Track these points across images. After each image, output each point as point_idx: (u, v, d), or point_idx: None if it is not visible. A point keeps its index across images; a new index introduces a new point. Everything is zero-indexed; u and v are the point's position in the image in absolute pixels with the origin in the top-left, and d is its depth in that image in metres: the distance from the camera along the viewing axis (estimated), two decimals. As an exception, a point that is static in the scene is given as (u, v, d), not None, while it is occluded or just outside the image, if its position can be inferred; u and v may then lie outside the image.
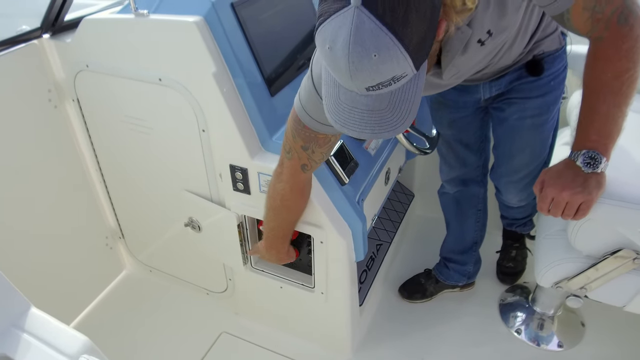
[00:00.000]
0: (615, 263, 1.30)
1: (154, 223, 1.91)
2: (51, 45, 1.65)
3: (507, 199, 1.70)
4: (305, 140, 1.17)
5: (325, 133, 1.15)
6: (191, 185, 1.64)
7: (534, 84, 1.37)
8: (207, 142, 1.49)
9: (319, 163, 1.26)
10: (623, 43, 0.97)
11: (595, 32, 0.98)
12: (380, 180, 1.70)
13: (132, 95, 1.55)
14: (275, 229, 1.42)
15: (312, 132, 1.15)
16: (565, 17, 0.97)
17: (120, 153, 1.74)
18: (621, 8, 0.94)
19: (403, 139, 1.49)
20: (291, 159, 1.23)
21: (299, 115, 1.14)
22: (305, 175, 1.27)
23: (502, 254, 2.09)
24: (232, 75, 1.40)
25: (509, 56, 1.27)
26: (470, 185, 1.78)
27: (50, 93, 1.70)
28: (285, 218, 1.39)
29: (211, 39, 1.35)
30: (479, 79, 1.42)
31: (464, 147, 1.67)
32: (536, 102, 1.40)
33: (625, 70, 0.98)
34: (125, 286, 2.15)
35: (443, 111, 1.60)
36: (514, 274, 2.07)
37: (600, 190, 1.08)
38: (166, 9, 1.41)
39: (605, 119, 1.03)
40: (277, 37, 1.57)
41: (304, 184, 1.31)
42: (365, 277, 1.92)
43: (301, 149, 1.19)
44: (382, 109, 0.81)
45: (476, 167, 1.73)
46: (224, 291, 1.92)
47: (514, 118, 1.45)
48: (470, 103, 1.54)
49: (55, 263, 1.87)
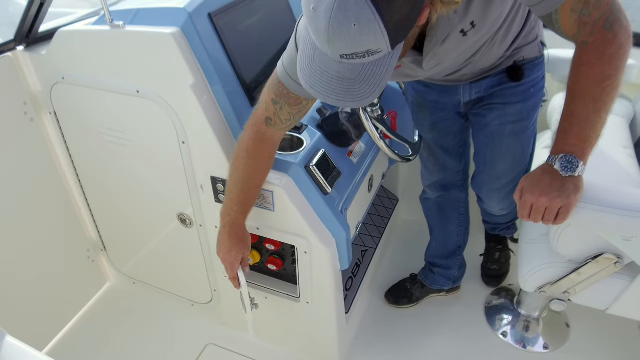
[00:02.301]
0: (597, 267, 1.31)
1: (136, 234, 1.88)
2: (26, 57, 1.62)
3: (489, 207, 1.71)
4: (277, 95, 1.19)
5: (297, 94, 1.16)
6: (173, 197, 1.62)
7: (515, 89, 1.38)
8: (188, 154, 1.47)
9: (284, 125, 1.25)
10: (606, 49, 0.98)
11: (581, 36, 0.99)
12: (363, 188, 1.69)
13: (110, 107, 1.53)
14: (235, 193, 1.33)
15: (285, 89, 1.16)
16: (554, 17, 0.98)
17: (100, 165, 1.72)
18: (608, 14, 0.95)
19: (385, 147, 1.48)
20: (258, 108, 1.24)
21: (277, 72, 1.17)
22: (267, 129, 1.25)
23: (485, 256, 2.10)
24: (211, 86, 1.39)
25: (489, 57, 1.28)
26: (451, 190, 1.78)
27: (26, 106, 1.67)
28: (246, 177, 1.31)
29: (188, 50, 1.34)
30: (458, 80, 1.42)
31: (444, 151, 1.67)
32: (516, 107, 1.41)
33: (607, 77, 0.99)
34: (109, 299, 2.12)
35: (424, 113, 1.60)
36: (498, 276, 2.09)
37: (578, 194, 1.09)
38: (142, 20, 1.39)
39: (585, 124, 1.04)
40: (256, 46, 1.56)
41: (265, 137, 1.27)
42: (351, 284, 1.91)
43: (271, 101, 1.20)
44: (352, 79, 0.84)
45: (456, 172, 1.74)
46: (209, 302, 1.90)
47: (495, 124, 1.45)
48: (450, 106, 1.54)
49: (35, 278, 1.84)
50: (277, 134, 1.29)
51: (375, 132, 1.45)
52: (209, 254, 1.71)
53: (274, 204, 1.40)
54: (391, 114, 1.80)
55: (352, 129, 1.53)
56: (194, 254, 1.75)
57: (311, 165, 1.41)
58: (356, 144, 1.65)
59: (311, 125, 1.55)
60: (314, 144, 1.48)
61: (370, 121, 1.44)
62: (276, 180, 1.37)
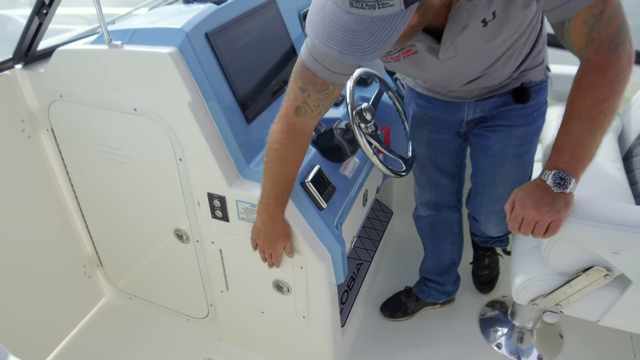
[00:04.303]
0: (588, 280, 1.33)
1: (132, 250, 1.89)
2: (24, 75, 1.64)
3: (486, 229, 1.72)
4: (304, 82, 1.19)
5: (323, 79, 1.17)
6: (169, 213, 1.64)
7: (519, 112, 1.39)
8: (185, 171, 1.49)
9: (314, 113, 1.25)
10: (608, 70, 1.00)
11: (587, 51, 1.01)
12: (358, 202, 1.72)
13: (107, 124, 1.55)
14: (269, 187, 1.33)
15: (312, 74, 1.17)
16: (565, 26, 1.00)
17: (97, 182, 1.73)
18: (615, 35, 0.98)
19: (378, 163, 1.50)
20: (288, 99, 1.25)
21: (302, 58, 1.18)
22: (298, 119, 1.26)
23: (475, 264, 2.13)
24: (208, 104, 1.41)
25: (499, 74, 1.30)
26: (444, 210, 1.79)
27: (23, 123, 1.69)
28: (278, 169, 1.31)
29: (186, 70, 1.36)
30: (464, 97, 1.43)
31: (438, 169, 1.67)
32: (520, 131, 1.41)
33: (605, 98, 1.02)
34: (105, 314, 2.12)
35: (423, 128, 1.60)
36: (490, 281, 2.13)
37: (568, 210, 1.11)
38: (140, 40, 1.42)
39: (579, 143, 1.06)
40: (252, 64, 1.59)
41: (296, 128, 1.28)
42: (346, 298, 1.93)
43: (299, 90, 1.21)
44: (358, 31, 0.83)
45: (449, 192, 1.74)
46: (206, 317, 1.91)
47: (498, 147, 1.46)
48: (452, 124, 1.53)
49: (32, 294, 1.84)
50: (308, 124, 1.29)
51: (369, 148, 1.47)
52: (205, 269, 1.72)
53: (270, 220, 1.42)
54: (385, 129, 1.83)
55: (347, 145, 1.55)
56: (191, 269, 1.76)
57: (306, 181, 1.43)
58: (350, 159, 1.68)
59: (306, 142, 1.57)
60: (309, 160, 1.50)
61: (364, 137, 1.47)
62: (272, 196, 1.39)
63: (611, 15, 0.96)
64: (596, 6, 0.95)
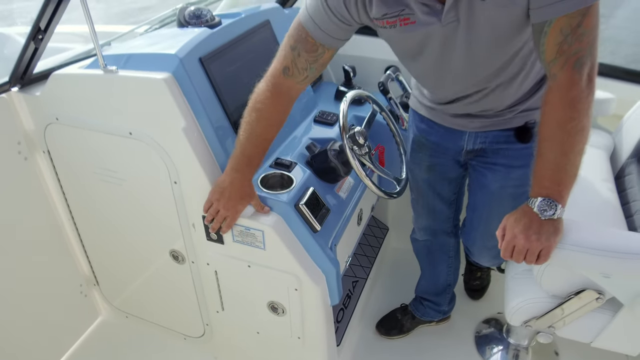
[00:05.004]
0: (580, 302, 1.34)
1: (128, 270, 1.90)
2: (20, 98, 1.65)
3: (479, 261, 1.72)
4: (295, 40, 1.21)
5: (314, 39, 1.20)
6: (165, 234, 1.64)
7: (520, 152, 1.38)
8: (179, 194, 1.50)
9: (301, 77, 1.26)
10: (569, 90, 1.02)
11: (554, 65, 1.03)
12: (352, 222, 1.73)
13: (103, 147, 1.56)
14: (244, 144, 1.32)
15: (304, 31, 1.20)
16: (544, 30, 1.01)
17: (93, 203, 1.74)
18: (583, 53, 1.00)
19: (371, 185, 1.51)
20: (277, 59, 1.26)
21: (299, 16, 1.21)
22: (285, 80, 1.26)
23: (466, 275, 2.17)
24: (202, 127, 1.43)
25: (502, 97, 1.29)
26: (440, 235, 1.78)
27: (19, 145, 1.69)
28: (255, 127, 1.30)
29: (180, 95, 1.38)
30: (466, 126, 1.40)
31: (436, 195, 1.65)
32: (519, 172, 1.40)
33: (569, 119, 1.03)
34: (101, 333, 2.12)
35: (423, 153, 1.58)
36: (481, 288, 2.17)
37: (557, 236, 1.12)
38: (135, 65, 1.43)
39: (555, 167, 1.07)
40: (246, 88, 1.58)
41: (282, 89, 1.28)
42: (342, 316, 1.93)
43: (289, 48, 1.23)
44: None
45: (446, 218, 1.72)
46: (202, 336, 1.91)
47: (496, 186, 1.46)
48: (451, 151, 1.51)
49: (29, 313, 1.84)
50: (294, 87, 1.29)
51: (362, 170, 1.48)
52: (201, 289, 1.73)
53: (264, 243, 1.43)
54: (379, 148, 1.84)
55: (341, 166, 1.56)
56: (186, 289, 1.76)
57: (301, 204, 1.44)
58: (345, 180, 1.69)
59: (300, 163, 1.58)
60: (304, 182, 1.51)
61: (357, 160, 1.48)
62: (267, 219, 1.40)
63: (585, 32, 0.98)
64: (575, 17, 0.97)
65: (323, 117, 1.83)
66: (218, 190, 1.38)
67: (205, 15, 1.61)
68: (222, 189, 1.37)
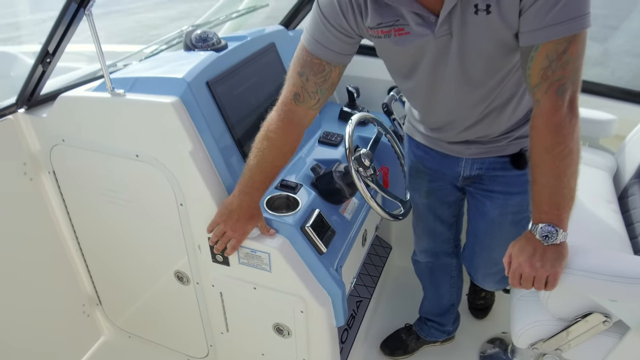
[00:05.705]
0: (587, 326, 1.34)
1: (132, 290, 1.89)
2: (26, 119, 1.66)
3: (483, 286, 1.72)
4: (302, 65, 1.23)
5: (319, 57, 1.21)
6: (170, 255, 1.64)
7: (517, 178, 1.38)
8: (185, 215, 1.51)
9: (312, 101, 1.26)
10: (552, 116, 1.03)
11: (538, 90, 1.04)
12: (357, 243, 1.73)
13: (109, 169, 1.56)
14: (253, 169, 1.32)
15: (308, 54, 1.21)
16: (531, 54, 1.03)
17: (98, 223, 1.74)
18: (566, 80, 1.01)
19: (377, 207, 1.51)
20: (286, 87, 1.27)
21: (302, 40, 1.23)
22: (297, 107, 1.27)
23: (470, 295, 2.17)
24: (208, 150, 1.43)
25: (498, 123, 1.29)
26: (442, 257, 1.79)
27: (25, 166, 1.70)
28: (267, 155, 1.30)
29: (187, 118, 1.39)
30: (462, 152, 1.41)
31: (436, 218, 1.66)
32: (517, 198, 1.41)
33: (555, 144, 1.04)
34: (103, 353, 2.11)
35: (421, 179, 1.59)
36: (485, 308, 2.16)
37: (563, 261, 1.12)
38: (142, 89, 1.45)
39: (550, 192, 1.08)
40: (253, 110, 1.61)
41: (293, 117, 1.28)
42: (346, 337, 1.92)
43: (297, 74, 1.24)
44: None
45: (447, 240, 1.73)
46: (205, 357, 1.90)
47: (495, 213, 1.46)
48: (449, 177, 1.51)
49: (31, 332, 1.83)
50: (306, 114, 1.29)
51: (367, 192, 1.49)
52: (205, 310, 1.72)
53: (270, 265, 1.43)
54: (383, 169, 1.85)
55: (346, 188, 1.57)
56: (190, 310, 1.76)
57: (307, 226, 1.45)
58: (349, 201, 1.69)
59: (305, 185, 1.59)
60: (309, 204, 1.52)
61: (362, 181, 1.48)
62: (273, 242, 1.40)
63: (569, 60, 1.00)
64: (561, 44, 0.99)
65: (327, 137, 1.85)
66: (225, 211, 1.38)
67: (212, 38, 1.63)
68: (229, 211, 1.37)
